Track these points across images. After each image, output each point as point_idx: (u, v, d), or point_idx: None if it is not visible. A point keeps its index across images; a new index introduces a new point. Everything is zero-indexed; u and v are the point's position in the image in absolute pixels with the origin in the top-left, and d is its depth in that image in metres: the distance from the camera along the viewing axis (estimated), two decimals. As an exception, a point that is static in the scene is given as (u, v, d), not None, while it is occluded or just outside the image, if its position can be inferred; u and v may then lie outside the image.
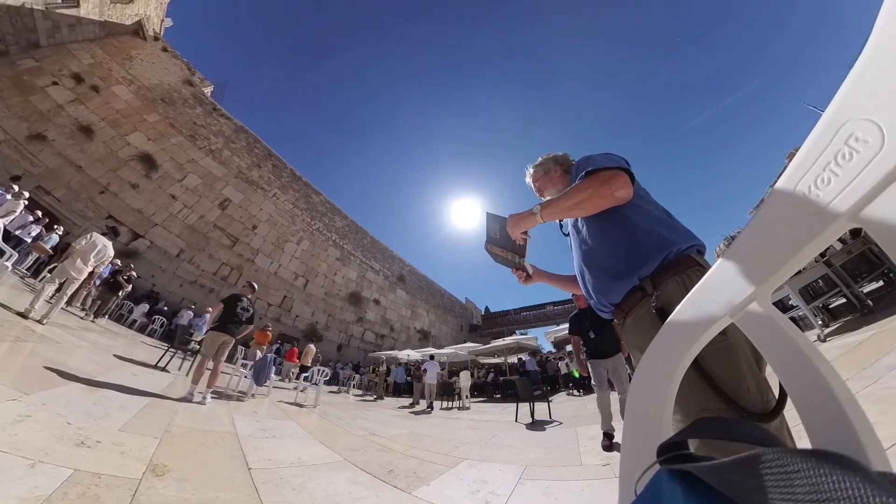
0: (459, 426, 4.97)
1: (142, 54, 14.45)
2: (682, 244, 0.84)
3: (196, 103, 15.47)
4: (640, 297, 0.85)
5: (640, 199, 0.92)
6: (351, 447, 2.94)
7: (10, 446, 1.30)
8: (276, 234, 15.98)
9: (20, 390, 1.86)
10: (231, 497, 1.53)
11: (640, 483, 0.33)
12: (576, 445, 2.95)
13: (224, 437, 2.48)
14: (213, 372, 3.73)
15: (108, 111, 12.17)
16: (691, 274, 0.80)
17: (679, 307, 0.49)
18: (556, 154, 1.23)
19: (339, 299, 17.94)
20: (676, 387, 0.47)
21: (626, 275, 0.87)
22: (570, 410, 5.43)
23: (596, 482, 1.97)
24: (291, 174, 18.55)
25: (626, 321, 0.92)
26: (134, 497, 1.29)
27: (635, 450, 0.49)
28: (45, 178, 10.09)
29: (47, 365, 2.54)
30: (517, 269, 1.20)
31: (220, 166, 14.81)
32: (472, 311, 31.71)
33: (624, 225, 0.89)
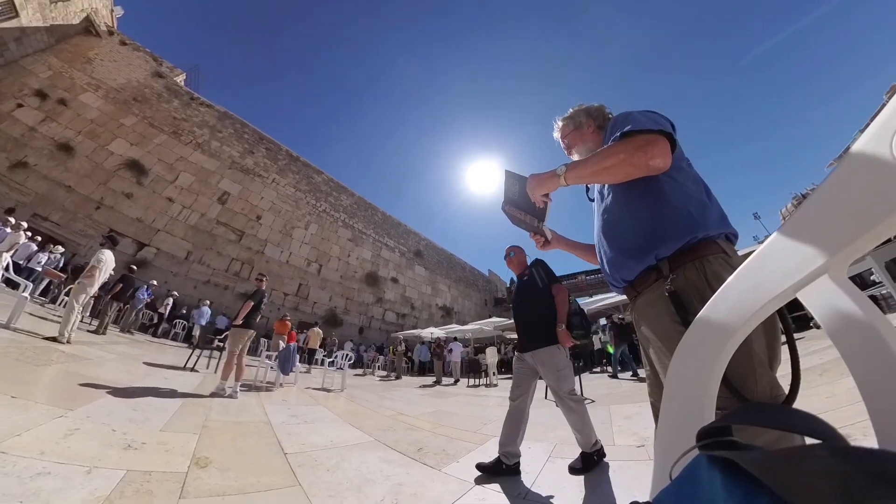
0: (487, 403, 5.27)
1: (100, 54, 14.21)
2: (712, 229, 0.81)
3: (171, 96, 15.36)
4: (655, 279, 0.85)
5: (679, 172, 0.87)
6: (380, 427, 3.22)
7: (67, 457, 1.54)
8: (281, 221, 16.42)
9: (64, 407, 2.14)
10: (271, 481, 1.75)
11: (676, 467, 0.33)
12: (608, 424, 3.05)
13: (258, 426, 2.78)
14: (238, 367, 4.09)
15: (83, 123, 12.33)
16: (713, 261, 0.78)
17: (732, 277, 0.48)
18: (590, 105, 1.16)
19: (355, 281, 18.59)
20: (723, 368, 0.48)
21: (643, 253, 0.86)
22: (603, 388, 5.55)
23: (629, 463, 2.05)
24: (288, 155, 18.59)
25: (638, 301, 0.92)
26: (183, 489, 1.51)
27: (672, 432, 0.51)
28: (38, 204, 10.60)
29: (83, 381, 2.88)
30: (535, 234, 1.20)
31: (211, 159, 14.98)
32: (497, 284, 32.02)
33: (653, 198, 0.86)
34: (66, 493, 1.27)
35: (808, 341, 4.60)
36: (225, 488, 1.59)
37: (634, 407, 3.64)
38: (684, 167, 0.90)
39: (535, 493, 1.73)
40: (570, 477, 1.92)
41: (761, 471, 0.22)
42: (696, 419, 0.46)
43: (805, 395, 2.54)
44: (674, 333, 0.75)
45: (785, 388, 0.65)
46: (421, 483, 1.87)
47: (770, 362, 0.72)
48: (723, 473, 0.26)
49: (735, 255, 0.83)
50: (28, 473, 1.31)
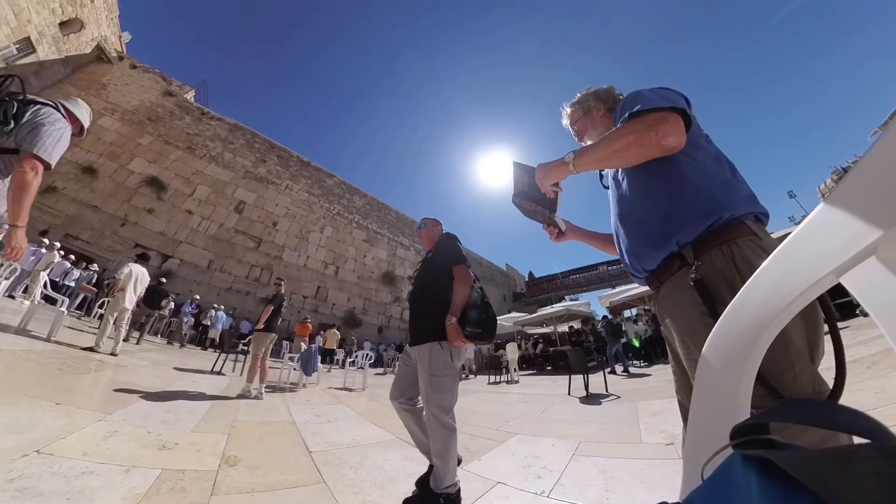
0: (508, 400, 5.24)
1: (113, 79, 15.06)
2: (738, 209, 0.76)
3: (183, 112, 16.12)
4: (678, 267, 0.81)
5: (697, 150, 0.83)
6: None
7: (107, 458, 1.65)
8: (297, 226, 16.93)
9: (103, 412, 2.30)
10: (297, 478, 1.82)
11: (708, 467, 0.32)
12: (635, 421, 2.98)
13: (283, 426, 2.89)
14: (261, 369, 4.25)
15: (103, 146, 13.22)
16: (742, 244, 0.73)
17: (767, 262, 0.46)
18: (598, 88, 1.12)
19: (372, 281, 18.92)
20: (758, 362, 0.46)
21: (664, 239, 0.81)
22: (629, 384, 5.42)
23: (657, 462, 1.99)
24: (299, 161, 19.07)
25: (661, 291, 0.88)
26: (214, 486, 1.59)
27: (704, 430, 0.49)
28: (68, 225, 11.50)
29: (119, 387, 3.08)
30: (548, 225, 1.18)
31: (225, 171, 15.68)
32: (515, 278, 31.75)
33: (670, 180, 0.82)
34: (108, 490, 1.37)
35: (853, 331, 4.33)
36: (254, 485, 1.67)
37: (662, 403, 3.53)
38: (702, 144, 0.85)
39: (558, 492, 1.71)
40: (595, 475, 1.88)
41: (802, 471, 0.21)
42: (729, 416, 0.44)
43: (851, 391, 2.37)
44: (701, 325, 0.71)
45: (829, 382, 0.61)
46: (444, 481, 1.89)
47: (811, 355, 0.67)
48: (759, 473, 0.25)
49: (767, 236, 0.77)
50: (73, 473, 1.42)
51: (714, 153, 0.85)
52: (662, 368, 6.52)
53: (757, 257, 0.71)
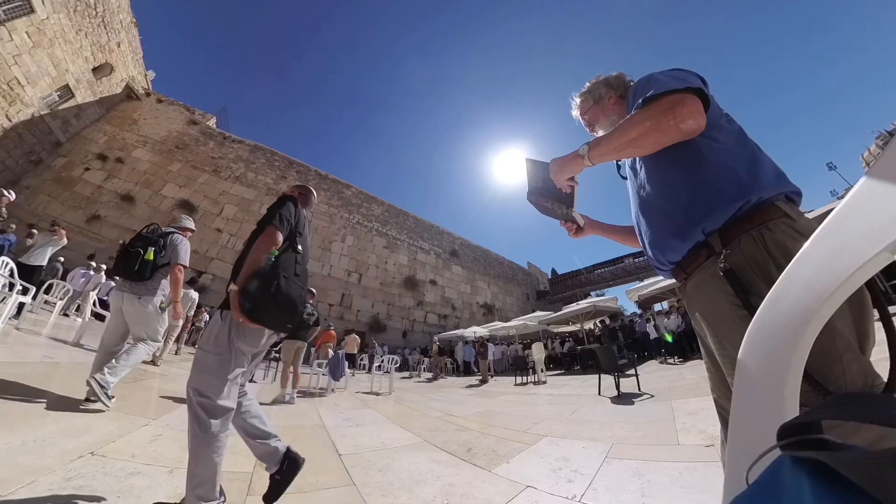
0: (536, 402, 5.15)
1: (143, 114, 16.58)
2: (767, 190, 0.71)
3: (207, 139, 17.38)
4: (706, 257, 0.76)
5: (717, 131, 0.79)
6: (428, 428, 3.28)
7: (153, 459, 1.77)
8: (319, 237, 17.52)
9: (149, 417, 2.47)
10: (328, 480, 1.87)
11: (753, 470, 0.31)
12: (671, 422, 2.84)
13: (314, 429, 2.97)
14: (294, 375, 4.40)
15: (138, 175, 14.62)
16: (774, 228, 0.68)
17: (807, 245, 0.44)
18: (608, 76, 1.09)
19: (394, 287, 19.19)
20: (806, 354, 0.43)
21: (688, 228, 0.77)
22: (664, 381, 5.16)
23: (697, 465, 1.89)
24: (317, 175, 19.81)
25: (688, 283, 0.83)
26: (249, 487, 1.67)
27: (747, 430, 0.47)
28: (112, 249, 12.33)
29: (163, 394, 3.28)
30: (566, 221, 1.15)
31: (249, 189, 16.66)
32: (537, 276, 31.24)
33: (691, 165, 0.78)
34: (153, 490, 1.47)
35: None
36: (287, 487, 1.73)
37: (700, 401, 3.34)
38: (723, 124, 0.80)
39: (590, 496, 1.65)
40: (629, 479, 1.80)
41: (861, 475, 0.19)
42: (776, 415, 0.41)
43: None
44: (734, 318, 0.67)
45: (882, 375, 0.55)
46: (471, 484, 1.87)
47: (860, 344, 0.61)
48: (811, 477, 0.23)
49: (802, 217, 0.72)
50: (123, 473, 1.53)
51: (736, 133, 0.80)
52: (698, 364, 6.16)
53: (792, 241, 0.66)
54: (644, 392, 4.41)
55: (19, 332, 4.36)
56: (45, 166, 13.56)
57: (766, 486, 0.26)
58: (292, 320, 1.40)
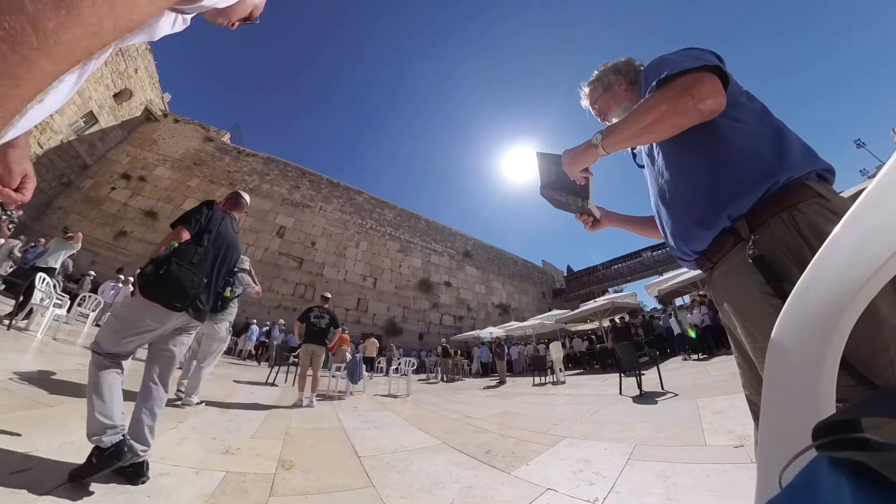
0: (555, 402, 5.05)
1: (162, 134, 17.54)
2: (796, 169, 0.67)
3: (222, 154, 18.18)
4: (733, 244, 0.72)
5: (738, 109, 0.75)
6: (446, 430, 3.27)
7: (180, 461, 1.84)
8: (334, 244, 17.92)
9: (176, 421, 2.57)
10: (347, 482, 1.88)
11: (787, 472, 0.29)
12: (697, 421, 2.74)
13: (334, 432, 3.01)
14: (313, 379, 4.47)
15: (160, 192, 15.55)
16: (806, 209, 0.64)
17: (840, 226, 0.41)
18: (616, 62, 1.06)
19: (409, 290, 19.32)
20: (842, 344, 0.40)
21: (713, 215, 0.73)
22: (688, 379, 4.97)
23: (725, 467, 1.81)
24: (329, 183, 20.24)
25: (715, 273, 0.79)
26: (272, 487, 1.70)
27: (780, 429, 0.44)
28: (139, 262, 13.09)
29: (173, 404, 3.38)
30: (581, 214, 1.12)
31: (265, 200, 17.27)
32: (553, 274, 30.83)
33: (713, 147, 0.74)
34: (181, 490, 1.52)
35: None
36: (307, 488, 1.76)
37: (727, 399, 3.20)
38: (744, 102, 0.76)
39: (613, 499, 1.60)
40: (654, 482, 1.73)
41: None
42: (811, 412, 0.39)
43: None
44: (766, 308, 0.63)
45: None
46: (490, 486, 1.85)
47: None
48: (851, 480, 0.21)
49: (836, 196, 0.67)
50: (153, 474, 1.58)
51: (758, 111, 0.76)
52: (724, 360, 5.91)
53: (826, 222, 0.62)
54: (667, 391, 4.25)
55: (56, 342, 4.61)
56: (74, 188, 14.58)
57: (802, 490, 0.25)
58: (181, 301, 1.66)
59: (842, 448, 0.25)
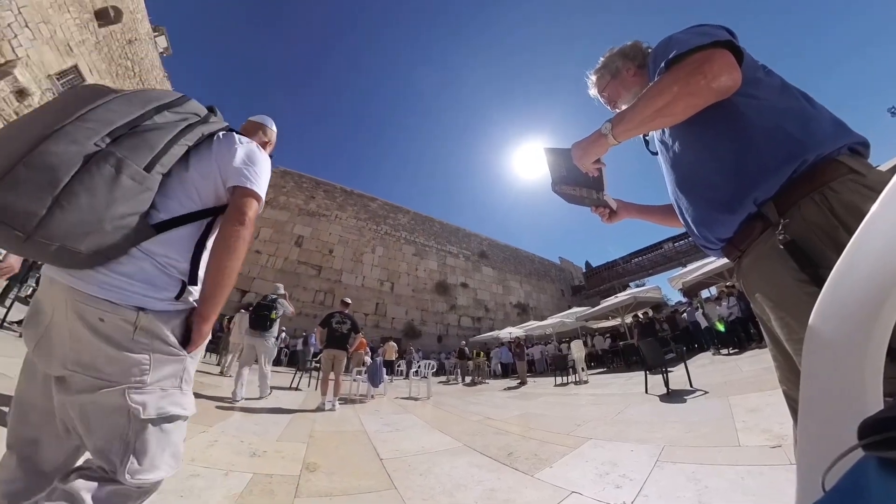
0: (578, 403, 4.92)
1: None
2: (826, 145, 0.62)
3: None
4: (761, 229, 0.68)
5: (756, 86, 0.70)
6: (468, 432, 3.25)
7: (210, 463, 1.91)
8: (351, 250, 18.28)
9: (206, 424, 2.67)
10: (370, 484, 1.90)
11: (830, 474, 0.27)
12: (729, 420, 2.60)
13: (356, 435, 3.04)
14: (335, 383, 4.54)
15: None
16: (839, 187, 0.60)
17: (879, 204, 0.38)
18: (623, 46, 1.02)
19: (426, 292, 19.43)
20: (888, 333, 0.37)
21: (737, 200, 0.69)
22: (718, 375, 4.70)
23: (762, 468, 1.69)
24: (343, 192, 20.68)
25: (743, 262, 0.75)
26: (297, 489, 1.73)
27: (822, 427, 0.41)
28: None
29: (219, 405, 3.55)
30: (597, 207, 1.09)
31: (282, 212, 17.83)
32: (571, 271, 30.27)
33: (732, 128, 0.70)
34: (211, 490, 1.58)
35: None
36: (331, 490, 1.78)
37: (761, 396, 3.02)
38: (761, 77, 0.72)
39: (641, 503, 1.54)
40: (684, 485, 1.64)
41: None
42: (856, 408, 0.36)
43: None
44: (801, 296, 0.58)
45: None
46: (513, 489, 1.82)
47: None
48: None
49: (872, 171, 0.62)
50: (184, 475, 1.65)
51: (778, 85, 0.71)
52: (757, 354, 5.57)
53: (862, 199, 0.57)
54: (696, 388, 4.04)
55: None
56: None
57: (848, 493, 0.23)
58: None
59: (892, 447, 0.23)
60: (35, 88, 10.61)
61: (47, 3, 10.23)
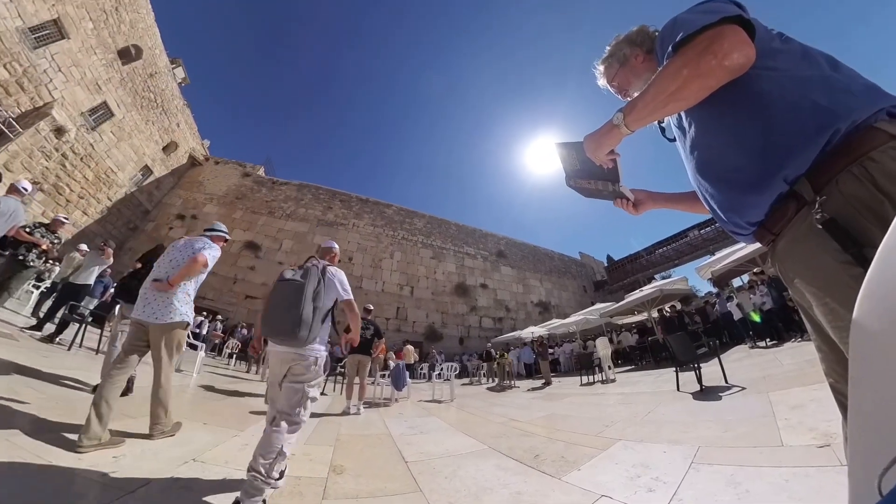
0: (606, 402, 4.74)
1: (206, 176, 19.76)
2: (860, 111, 0.57)
3: (259, 186, 19.99)
4: (795, 209, 0.63)
5: (774, 56, 0.66)
6: (492, 435, 3.20)
7: (242, 465, 1.89)
8: (369, 257, 18.68)
9: (238, 429, 2.77)
10: (396, 486, 1.91)
11: (888, 476, 0.26)
12: (770, 418, 2.43)
13: (381, 438, 3.07)
14: (360, 387, 4.61)
15: None
16: (880, 157, 0.54)
17: None
18: (629, 32, 0.99)
19: (446, 295, 19.45)
20: None
21: (766, 180, 0.64)
22: (756, 370, 4.40)
23: (808, 470, 1.56)
24: (359, 200, 21.17)
25: (778, 245, 0.70)
26: (324, 491, 1.76)
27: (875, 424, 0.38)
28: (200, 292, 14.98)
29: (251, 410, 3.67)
30: (616, 198, 1.06)
31: (301, 223, 18.66)
32: (592, 266, 29.46)
33: (753, 104, 0.66)
34: None
35: None
36: (358, 492, 1.81)
37: (805, 391, 2.81)
38: (778, 47, 0.67)
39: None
40: (722, 489, 1.54)
41: None
42: None
43: None
44: (845, 279, 0.54)
45: None
46: (540, 492, 1.77)
47: None
48: None
49: None
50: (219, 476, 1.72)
51: (797, 51, 0.66)
52: (799, 346, 5.18)
53: None
54: (732, 384, 3.81)
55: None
56: (139, 231, 16.85)
57: None
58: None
59: None
60: (70, 125, 11.86)
61: (76, 48, 11.35)
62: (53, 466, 1.52)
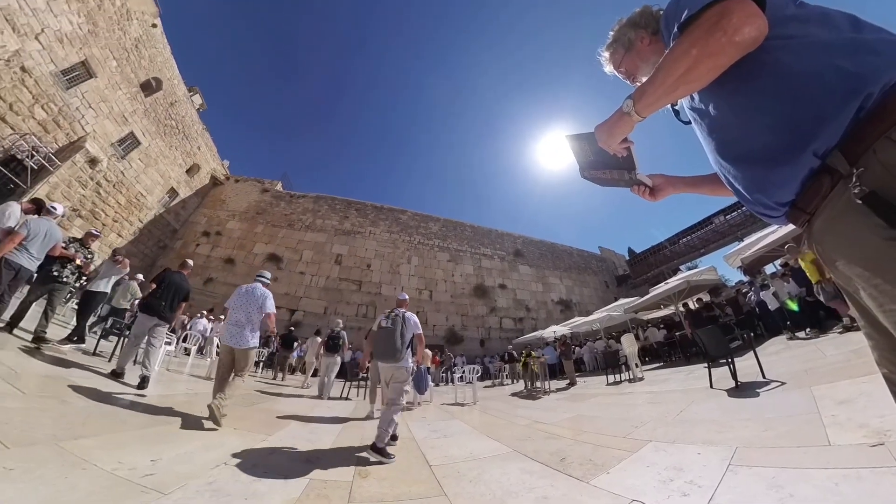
0: (634, 402, 4.55)
1: (228, 194, 20.82)
2: (891, 71, 0.53)
3: (278, 200, 20.82)
4: (830, 185, 0.59)
5: (789, 24, 0.62)
6: (517, 437, 3.15)
7: (270, 469, 2.02)
8: (387, 263, 18.99)
9: (266, 433, 2.86)
10: (420, 490, 1.90)
11: None
12: (815, 415, 2.25)
13: (405, 442, 3.08)
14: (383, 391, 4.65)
15: (234, 242, 18.61)
16: None
17: None
18: (631, 15, 0.95)
19: (465, 297, 19.41)
20: None
21: (794, 156, 0.60)
22: (796, 363, 4.09)
23: (860, 472, 1.43)
24: (374, 208, 21.57)
25: (815, 225, 0.65)
26: (350, 494, 1.78)
27: None
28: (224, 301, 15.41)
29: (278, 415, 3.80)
30: (633, 186, 1.03)
31: (320, 234, 19.28)
32: (613, 261, 28.59)
33: (770, 77, 0.62)
34: (272, 494, 1.67)
35: None
36: (383, 496, 1.82)
37: (854, 385, 2.60)
38: (793, 13, 0.63)
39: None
40: (764, 492, 1.44)
41: None
42: None
43: None
44: (893, 255, 0.50)
45: None
46: (568, 496, 1.72)
47: None
48: None
49: None
50: (248, 480, 1.78)
51: (816, 15, 0.62)
52: (843, 335, 4.77)
53: None
54: (771, 379, 3.56)
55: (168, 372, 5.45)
56: (169, 249, 17.85)
57: None
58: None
59: None
60: (102, 156, 13.04)
61: (103, 85, 12.52)
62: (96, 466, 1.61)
